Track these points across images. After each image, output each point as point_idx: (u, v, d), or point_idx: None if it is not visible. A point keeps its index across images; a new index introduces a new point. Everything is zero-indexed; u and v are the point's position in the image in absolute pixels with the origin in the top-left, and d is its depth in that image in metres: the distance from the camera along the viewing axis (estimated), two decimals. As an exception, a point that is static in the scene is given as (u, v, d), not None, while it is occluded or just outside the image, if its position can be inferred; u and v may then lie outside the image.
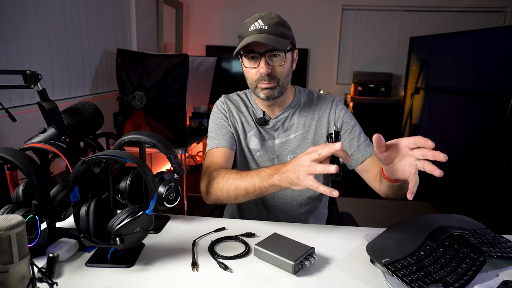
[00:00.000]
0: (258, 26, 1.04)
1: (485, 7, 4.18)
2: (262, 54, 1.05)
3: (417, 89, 3.72)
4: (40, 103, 0.93)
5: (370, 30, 4.43)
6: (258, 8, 4.21)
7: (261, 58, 1.05)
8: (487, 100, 2.73)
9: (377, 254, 0.79)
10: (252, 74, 1.09)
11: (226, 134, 1.19)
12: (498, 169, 2.53)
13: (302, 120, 1.19)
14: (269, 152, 1.20)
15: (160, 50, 3.53)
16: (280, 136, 1.19)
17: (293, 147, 1.18)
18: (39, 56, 1.93)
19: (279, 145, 1.19)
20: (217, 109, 1.25)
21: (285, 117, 1.19)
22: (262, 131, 1.20)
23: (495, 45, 2.72)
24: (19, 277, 0.60)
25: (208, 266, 0.81)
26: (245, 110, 1.22)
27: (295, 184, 0.84)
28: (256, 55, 1.06)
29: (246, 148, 1.20)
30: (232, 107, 1.23)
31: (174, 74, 2.41)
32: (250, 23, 1.06)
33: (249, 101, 1.24)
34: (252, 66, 1.08)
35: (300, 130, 1.18)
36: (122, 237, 0.75)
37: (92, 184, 0.96)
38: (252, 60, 1.08)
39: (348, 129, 1.17)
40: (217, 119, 1.23)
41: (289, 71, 1.11)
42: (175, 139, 2.47)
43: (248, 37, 1.03)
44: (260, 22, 1.04)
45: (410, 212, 3.10)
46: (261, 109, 1.20)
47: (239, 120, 1.21)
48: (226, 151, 1.16)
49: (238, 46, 1.07)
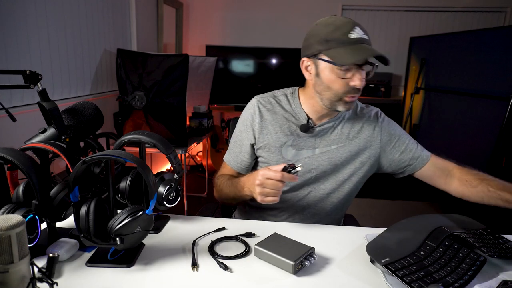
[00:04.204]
0: (360, 34, 0.96)
1: (485, 7, 4.18)
2: (359, 66, 0.98)
3: (417, 89, 3.72)
4: (40, 103, 0.93)
5: (370, 30, 4.38)
6: (258, 8, 4.21)
7: (359, 69, 0.98)
8: (487, 100, 2.73)
9: (377, 254, 0.79)
10: (341, 85, 1.00)
11: (242, 154, 1.17)
12: (498, 169, 2.53)
13: (346, 131, 1.13)
14: (308, 162, 1.12)
15: (160, 50, 3.53)
16: (321, 145, 1.12)
17: (334, 158, 1.12)
18: (39, 56, 1.93)
19: (319, 154, 1.12)
20: (248, 114, 1.16)
21: (331, 126, 1.12)
22: (300, 139, 1.12)
23: (495, 45, 2.72)
24: (19, 277, 0.60)
25: (208, 266, 0.81)
26: (283, 117, 1.13)
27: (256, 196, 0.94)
28: (367, 66, 0.99)
29: (282, 159, 1.12)
30: (267, 115, 1.14)
31: (174, 74, 2.41)
32: (348, 29, 0.96)
33: (289, 103, 1.15)
34: (345, 77, 0.99)
35: (343, 142, 1.12)
36: (122, 237, 0.75)
37: (92, 184, 0.96)
38: (347, 71, 0.98)
39: (396, 140, 1.15)
40: (243, 126, 1.17)
41: None
42: (175, 139, 2.47)
43: (361, 49, 0.95)
44: (360, 31, 0.97)
45: (410, 212, 3.09)
46: (305, 114, 1.12)
47: (273, 131, 1.12)
48: (233, 171, 1.21)
49: (347, 54, 0.95)
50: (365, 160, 1.14)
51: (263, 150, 1.14)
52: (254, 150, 1.17)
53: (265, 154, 1.14)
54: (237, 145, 1.19)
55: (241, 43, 4.12)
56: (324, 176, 1.13)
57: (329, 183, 1.14)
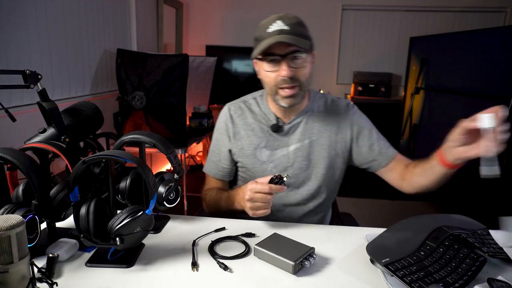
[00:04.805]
0: (278, 26, 0.98)
1: (485, 7, 4.18)
2: (283, 56, 0.99)
3: (417, 89, 3.72)
4: (40, 103, 0.93)
5: (370, 30, 4.43)
6: (258, 8, 4.21)
7: (282, 60, 1.00)
8: (487, 100, 2.72)
9: (377, 254, 0.79)
10: (272, 78, 1.03)
11: (221, 162, 1.20)
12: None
13: (317, 125, 1.14)
14: (283, 160, 1.14)
15: (160, 50, 3.53)
16: (294, 141, 1.13)
17: (307, 153, 1.13)
18: (39, 56, 1.93)
19: (294, 151, 1.13)
20: (221, 122, 1.20)
21: (300, 121, 1.13)
22: (273, 140, 1.14)
23: (495, 45, 2.72)
24: (19, 277, 0.60)
25: (208, 266, 0.81)
26: (253, 120, 1.16)
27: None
28: (277, 57, 1.00)
29: (258, 162, 1.15)
30: (238, 120, 1.17)
31: (174, 74, 2.41)
32: (268, 24, 1.00)
33: (258, 106, 1.18)
34: (272, 70, 1.02)
35: (315, 136, 1.13)
36: (122, 237, 0.75)
37: (92, 184, 0.96)
38: (272, 63, 1.01)
39: (366, 133, 1.15)
40: (219, 134, 1.20)
41: (310, 74, 1.06)
42: (175, 139, 2.47)
43: (269, 38, 0.97)
44: (280, 23, 0.99)
45: (410, 212, 3.09)
46: (273, 114, 1.14)
47: (246, 135, 1.15)
48: (216, 181, 1.24)
49: (256, 48, 1.01)
50: (338, 152, 1.15)
51: (238, 155, 1.17)
52: (232, 156, 1.20)
53: (241, 159, 1.17)
54: (215, 154, 1.22)
55: (241, 43, 4.11)
56: (301, 172, 1.14)
57: (308, 179, 1.15)
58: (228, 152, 1.19)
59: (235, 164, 1.21)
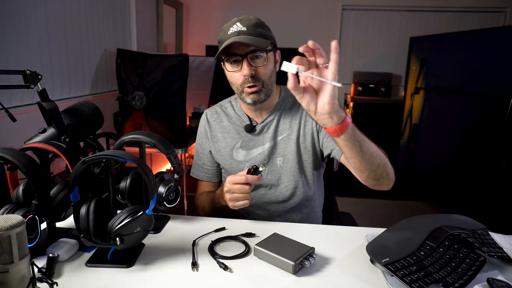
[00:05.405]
0: (237, 28, 1.03)
1: (485, 7, 4.18)
2: (244, 56, 1.03)
3: (417, 89, 3.72)
4: (40, 103, 0.93)
5: (370, 30, 4.43)
6: (257, 8, 4.21)
7: (243, 60, 1.04)
8: (487, 100, 2.73)
9: (377, 254, 0.79)
10: (236, 78, 1.07)
11: (205, 165, 1.25)
12: (498, 169, 2.53)
13: (288, 121, 1.16)
14: (259, 159, 1.17)
15: (160, 50, 3.53)
16: (268, 139, 1.16)
17: (282, 149, 1.16)
18: (39, 56, 1.93)
19: (269, 149, 1.16)
20: (201, 127, 1.26)
21: (272, 119, 1.16)
22: (248, 140, 1.17)
23: (495, 45, 2.72)
24: (19, 277, 0.60)
25: (208, 266, 0.81)
26: (228, 123, 1.20)
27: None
28: (237, 58, 1.04)
29: (235, 162, 1.19)
30: (215, 124, 1.23)
31: (174, 74, 2.41)
32: (229, 27, 1.05)
33: (233, 108, 1.22)
34: (234, 70, 1.06)
35: (286, 132, 1.16)
36: (122, 237, 0.75)
37: (92, 184, 0.96)
38: (235, 63, 1.06)
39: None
40: (200, 138, 1.26)
41: (272, 72, 1.09)
42: (175, 139, 2.47)
43: (227, 40, 1.01)
44: (239, 25, 1.03)
45: (410, 212, 3.09)
46: (246, 115, 1.18)
47: (222, 137, 1.20)
48: (206, 184, 1.27)
49: (220, 49, 1.05)
50: (307, 145, 1.16)
51: (217, 157, 1.22)
52: (213, 157, 1.24)
53: (219, 161, 1.23)
54: (198, 158, 1.27)
55: (241, 43, 4.11)
56: (277, 169, 1.16)
57: (284, 176, 1.16)
58: (209, 154, 1.24)
59: (219, 165, 1.26)
